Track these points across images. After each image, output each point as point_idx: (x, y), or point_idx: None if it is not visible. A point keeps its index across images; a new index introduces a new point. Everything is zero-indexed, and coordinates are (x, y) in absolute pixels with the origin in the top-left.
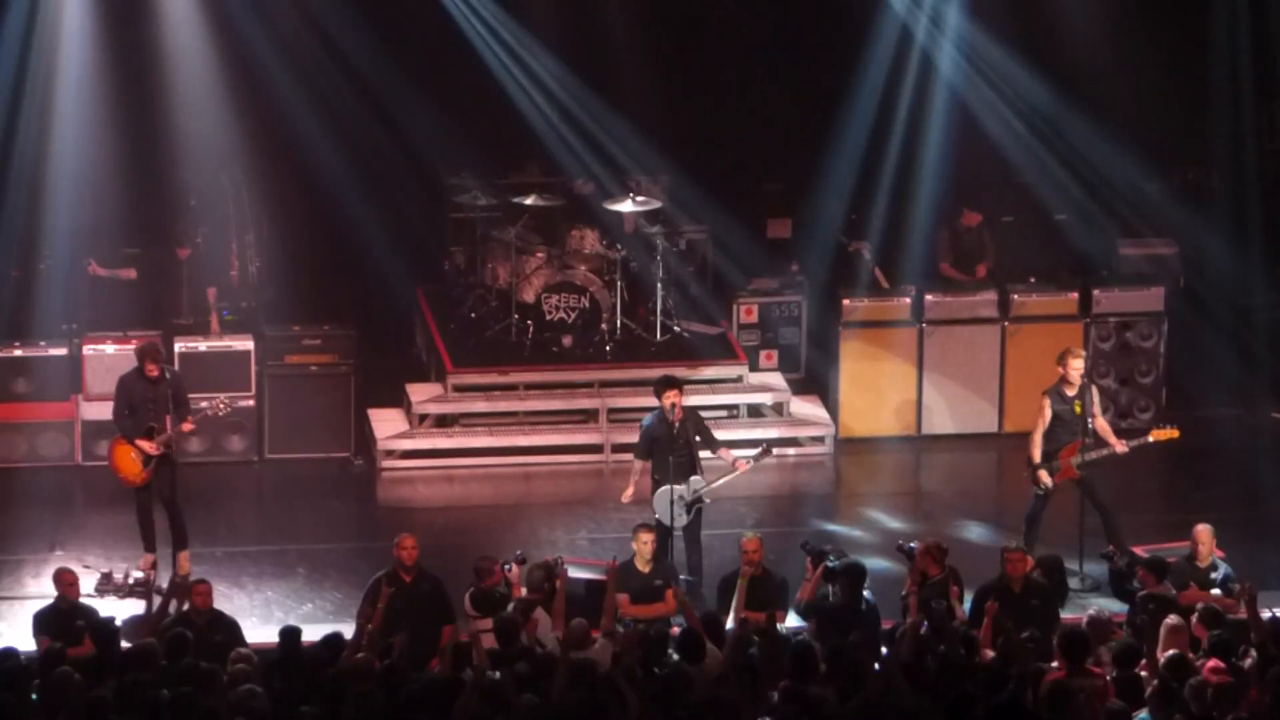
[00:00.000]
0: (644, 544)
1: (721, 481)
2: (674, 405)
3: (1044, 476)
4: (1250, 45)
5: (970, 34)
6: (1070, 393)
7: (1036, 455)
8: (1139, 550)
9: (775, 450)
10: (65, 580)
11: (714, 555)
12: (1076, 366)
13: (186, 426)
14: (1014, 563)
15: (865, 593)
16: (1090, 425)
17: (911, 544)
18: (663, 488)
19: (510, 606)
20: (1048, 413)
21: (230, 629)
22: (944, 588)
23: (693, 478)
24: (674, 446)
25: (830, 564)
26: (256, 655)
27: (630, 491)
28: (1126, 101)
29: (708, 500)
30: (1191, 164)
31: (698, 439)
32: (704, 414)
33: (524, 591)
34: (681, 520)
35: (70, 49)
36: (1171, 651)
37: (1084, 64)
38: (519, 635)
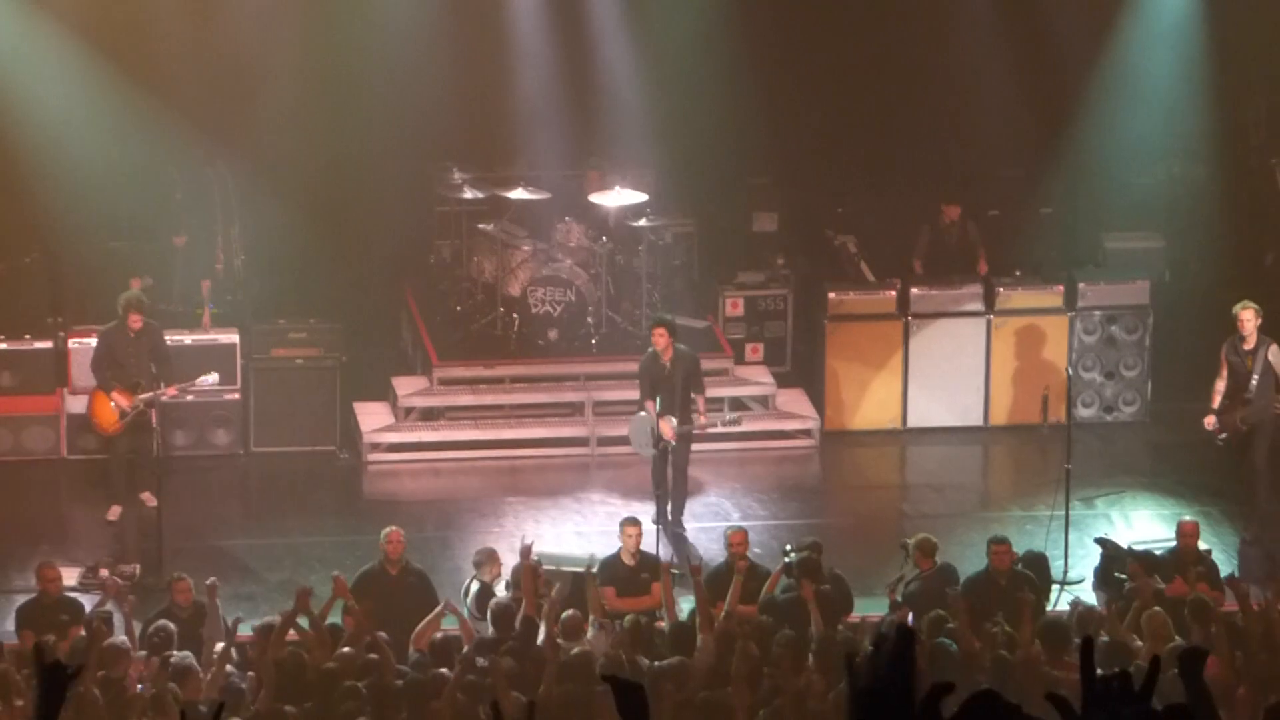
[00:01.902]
0: (629, 537)
1: (688, 429)
2: (665, 345)
3: (1208, 421)
4: (1236, 38)
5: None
6: (1246, 346)
7: (1214, 402)
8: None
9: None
10: (47, 575)
11: (698, 549)
12: (1245, 319)
13: (171, 391)
14: (999, 555)
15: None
16: (1253, 383)
17: (907, 539)
18: (640, 414)
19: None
20: (1223, 363)
21: (218, 621)
22: (934, 582)
23: (670, 418)
24: (663, 385)
25: (787, 558)
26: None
27: (666, 429)
28: (1113, 93)
29: (669, 443)
30: (1177, 157)
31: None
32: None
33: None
34: (647, 452)
35: (59, 37)
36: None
37: (1067, 55)
38: (513, 623)
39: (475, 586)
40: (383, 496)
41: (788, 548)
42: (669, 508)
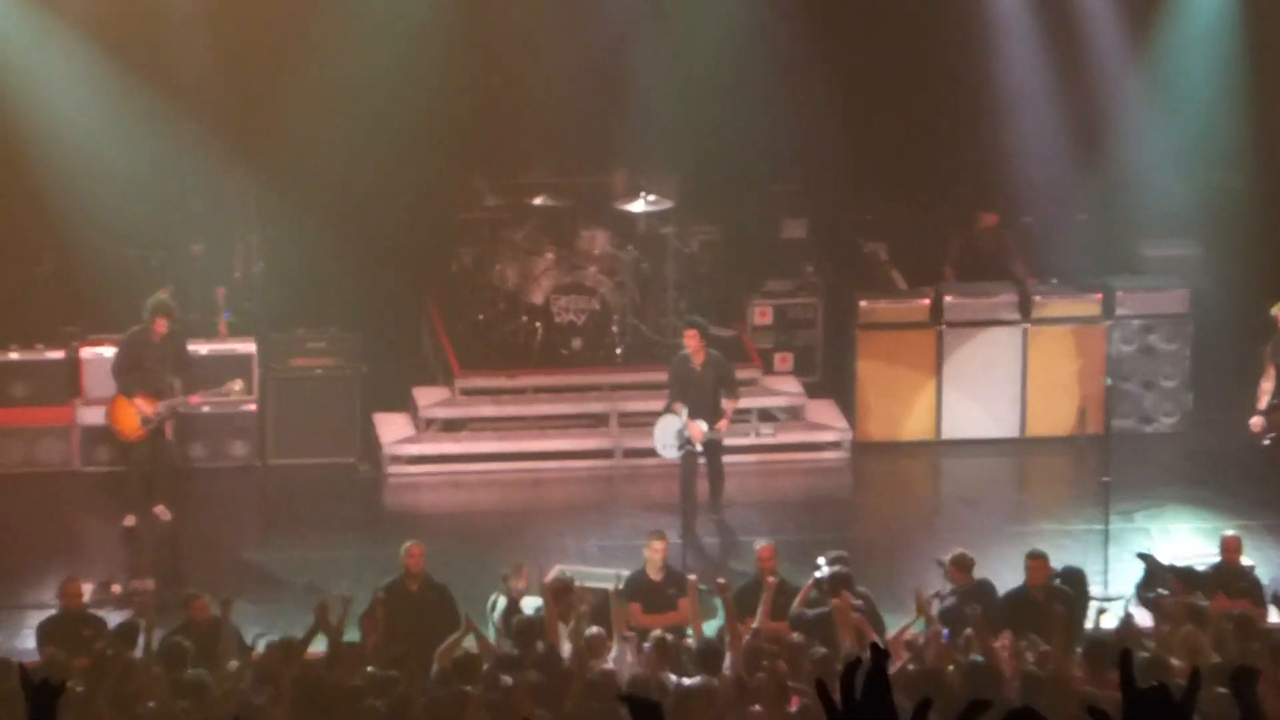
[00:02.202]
0: (655, 551)
1: (711, 431)
2: (696, 348)
3: (1254, 422)
4: (1276, 42)
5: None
6: None
7: (1261, 403)
8: (1166, 559)
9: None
10: (69, 591)
11: (725, 564)
12: None
13: (195, 399)
14: (1035, 570)
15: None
16: None
17: (942, 557)
18: (667, 415)
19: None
20: (1269, 365)
21: (234, 638)
22: (971, 598)
23: (701, 422)
24: (693, 389)
25: (820, 573)
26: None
27: (696, 431)
28: (1150, 97)
29: (693, 446)
30: (1216, 163)
31: (722, 389)
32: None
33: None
34: (671, 453)
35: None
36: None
37: (1104, 59)
38: (536, 640)
39: (502, 602)
40: (403, 509)
41: (821, 560)
42: (709, 496)
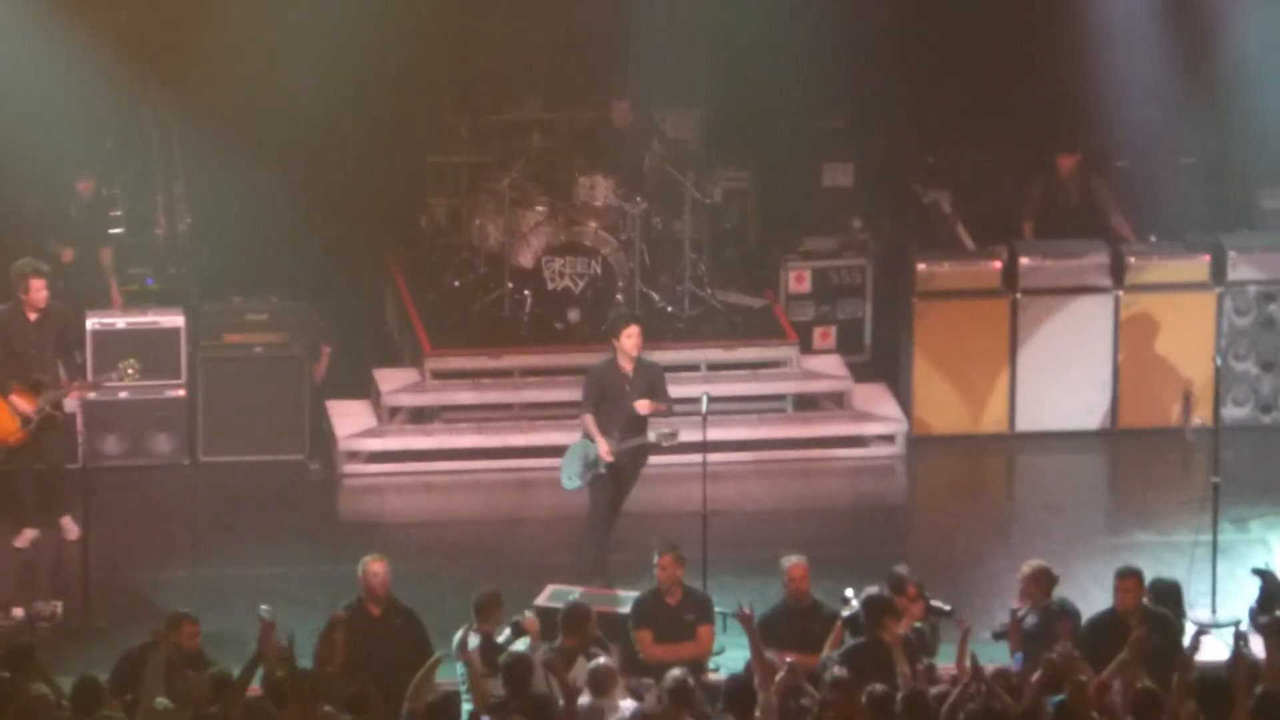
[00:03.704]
0: (667, 568)
1: (629, 445)
2: (634, 347)
3: None
4: None
5: None
6: None
7: None
8: None
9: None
10: None
11: (750, 586)
12: None
13: (79, 393)
14: (1126, 592)
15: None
16: None
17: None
18: (576, 442)
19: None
20: None
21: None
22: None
23: (612, 435)
24: (613, 398)
25: (848, 611)
26: None
27: (604, 447)
28: (1269, 16)
29: (602, 469)
30: None
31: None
32: (744, 404)
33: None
34: (572, 483)
35: None
36: None
37: None
38: (529, 680)
39: (474, 640)
40: (363, 518)
41: (847, 594)
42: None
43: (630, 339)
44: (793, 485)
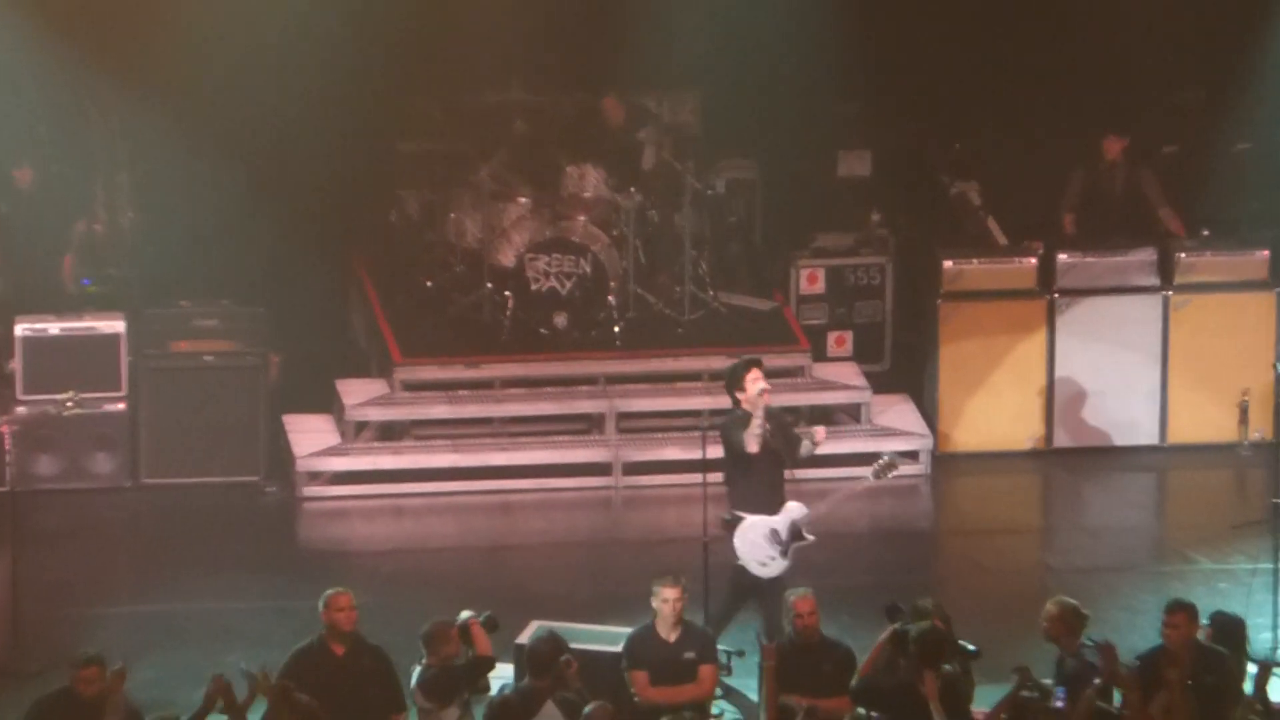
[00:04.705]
0: (666, 603)
1: (830, 503)
2: (762, 391)
3: None
4: None
5: None
6: None
7: None
8: None
9: (852, 470)
10: None
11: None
12: None
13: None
14: (1174, 629)
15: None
16: None
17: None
18: (749, 519)
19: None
20: None
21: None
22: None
23: (789, 503)
24: (762, 458)
25: (902, 625)
26: None
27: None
28: None
29: (810, 536)
30: None
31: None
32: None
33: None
34: (778, 567)
35: None
36: None
37: None
38: None
39: (418, 671)
40: (325, 545)
41: (901, 616)
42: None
43: (751, 385)
44: (807, 506)
